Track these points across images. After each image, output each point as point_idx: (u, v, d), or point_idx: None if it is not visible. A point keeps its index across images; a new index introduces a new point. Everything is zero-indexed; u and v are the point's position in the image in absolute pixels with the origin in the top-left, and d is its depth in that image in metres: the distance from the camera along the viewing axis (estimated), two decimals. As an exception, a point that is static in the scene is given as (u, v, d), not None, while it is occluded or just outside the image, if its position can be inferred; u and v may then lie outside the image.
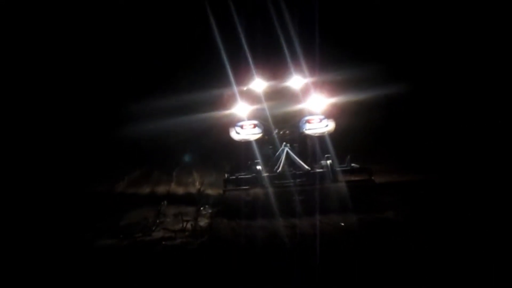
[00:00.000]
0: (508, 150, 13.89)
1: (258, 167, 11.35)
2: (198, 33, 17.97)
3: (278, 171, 11.50)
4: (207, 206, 11.90)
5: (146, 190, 14.07)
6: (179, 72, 18.48)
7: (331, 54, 15.33)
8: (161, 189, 14.07)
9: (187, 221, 10.74)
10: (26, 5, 16.96)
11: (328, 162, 11.33)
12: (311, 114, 12.40)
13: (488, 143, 14.85)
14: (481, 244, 8.77)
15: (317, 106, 12.43)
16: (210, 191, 13.17)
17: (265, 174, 11.31)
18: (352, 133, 14.54)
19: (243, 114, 12.53)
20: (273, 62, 13.08)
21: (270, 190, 11.00)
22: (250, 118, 12.43)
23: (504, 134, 15.03)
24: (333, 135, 12.08)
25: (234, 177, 11.56)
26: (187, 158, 16.41)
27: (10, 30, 17.29)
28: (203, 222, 10.88)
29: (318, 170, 11.39)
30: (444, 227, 9.64)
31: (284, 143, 12.16)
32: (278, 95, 12.52)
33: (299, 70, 12.59)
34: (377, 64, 16.49)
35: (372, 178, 11.19)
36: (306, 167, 11.58)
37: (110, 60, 18.88)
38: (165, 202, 12.04)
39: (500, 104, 16.47)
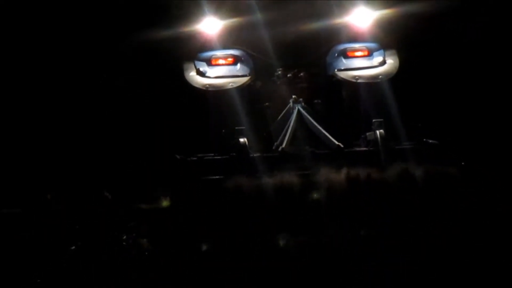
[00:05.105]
0: None
1: (243, 140, 8.61)
2: None
3: (281, 148, 8.68)
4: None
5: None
6: None
7: None
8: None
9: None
10: None
11: (379, 133, 8.61)
12: (352, 39, 9.58)
13: None
14: None
15: (364, 24, 9.47)
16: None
17: (256, 154, 8.63)
18: (431, 78, 10.62)
19: (212, 36, 9.57)
20: None
21: (267, 182, 8.23)
22: (228, 44, 9.64)
23: None
24: (395, 82, 9.09)
25: (195, 158, 8.56)
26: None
27: None
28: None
29: (359, 149, 8.91)
30: None
31: (293, 96, 9.20)
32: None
33: None
34: None
35: (463, 164, 8.69)
36: (336, 142, 8.67)
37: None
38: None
39: None
